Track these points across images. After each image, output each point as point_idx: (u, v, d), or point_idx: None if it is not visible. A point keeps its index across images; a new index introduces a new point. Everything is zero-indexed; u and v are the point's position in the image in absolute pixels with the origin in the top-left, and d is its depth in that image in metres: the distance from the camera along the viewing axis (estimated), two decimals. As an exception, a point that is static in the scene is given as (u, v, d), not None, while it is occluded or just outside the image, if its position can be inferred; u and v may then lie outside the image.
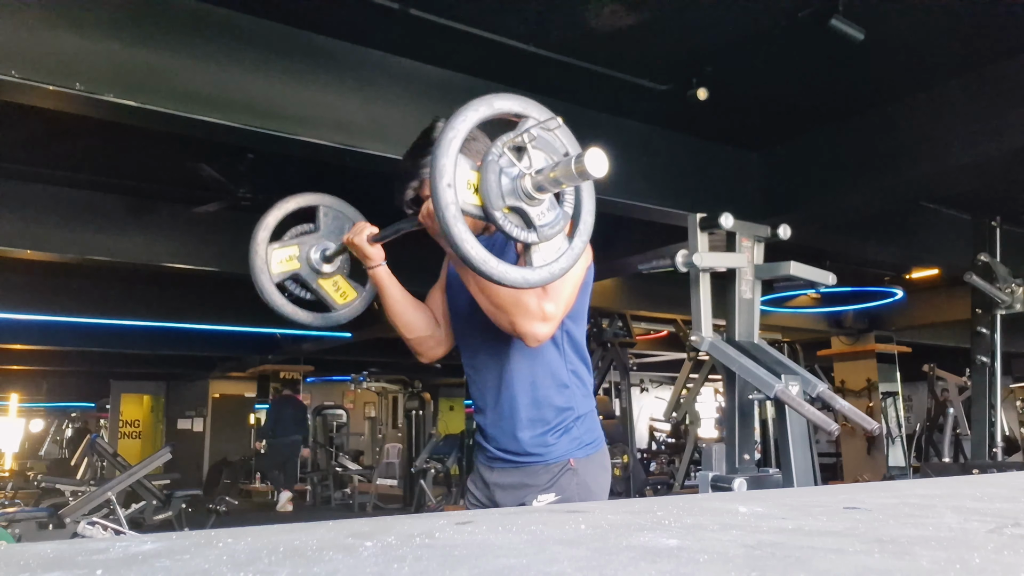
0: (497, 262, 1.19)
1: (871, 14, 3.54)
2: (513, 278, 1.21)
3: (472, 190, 1.18)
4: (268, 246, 1.78)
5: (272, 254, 1.78)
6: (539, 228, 1.22)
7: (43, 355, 11.60)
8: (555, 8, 3.62)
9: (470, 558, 0.58)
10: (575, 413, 1.66)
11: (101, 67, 3.29)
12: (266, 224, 1.80)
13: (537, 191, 1.19)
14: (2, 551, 0.67)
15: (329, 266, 1.84)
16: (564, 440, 1.63)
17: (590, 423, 1.70)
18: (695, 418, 9.42)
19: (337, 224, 1.89)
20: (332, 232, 1.87)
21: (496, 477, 1.71)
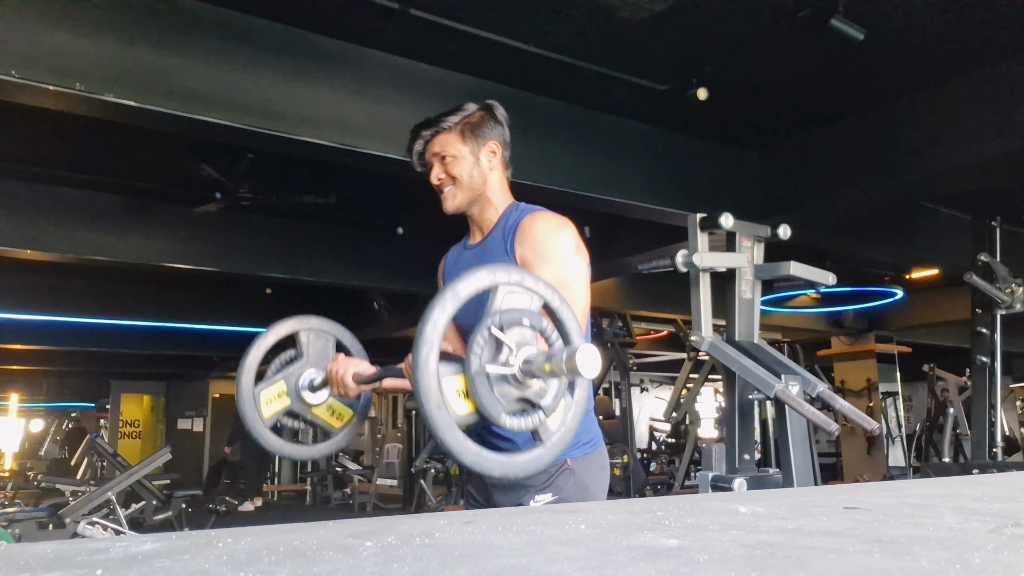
0: (507, 460, 1.12)
1: (871, 14, 3.54)
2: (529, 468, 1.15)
3: (463, 397, 1.10)
4: (254, 389, 1.69)
5: (260, 396, 1.69)
6: (544, 407, 1.15)
7: (43, 355, 11.60)
8: (555, 8, 3.62)
9: (470, 558, 0.58)
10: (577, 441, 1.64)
11: (101, 67, 3.29)
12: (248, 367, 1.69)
13: (529, 377, 1.12)
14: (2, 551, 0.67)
15: (319, 395, 1.76)
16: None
17: (587, 423, 1.69)
18: (695, 418, 9.42)
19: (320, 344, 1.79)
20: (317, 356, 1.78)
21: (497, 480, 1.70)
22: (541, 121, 4.48)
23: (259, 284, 8.62)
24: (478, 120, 1.76)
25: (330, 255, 6.97)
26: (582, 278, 1.62)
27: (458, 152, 1.73)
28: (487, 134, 1.76)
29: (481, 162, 1.75)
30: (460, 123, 1.74)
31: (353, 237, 7.01)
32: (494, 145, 1.77)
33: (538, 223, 1.66)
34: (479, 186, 1.75)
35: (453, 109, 1.76)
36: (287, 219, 6.65)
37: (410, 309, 8.33)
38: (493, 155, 1.77)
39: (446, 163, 1.73)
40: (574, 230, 1.67)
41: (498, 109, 1.81)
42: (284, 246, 6.73)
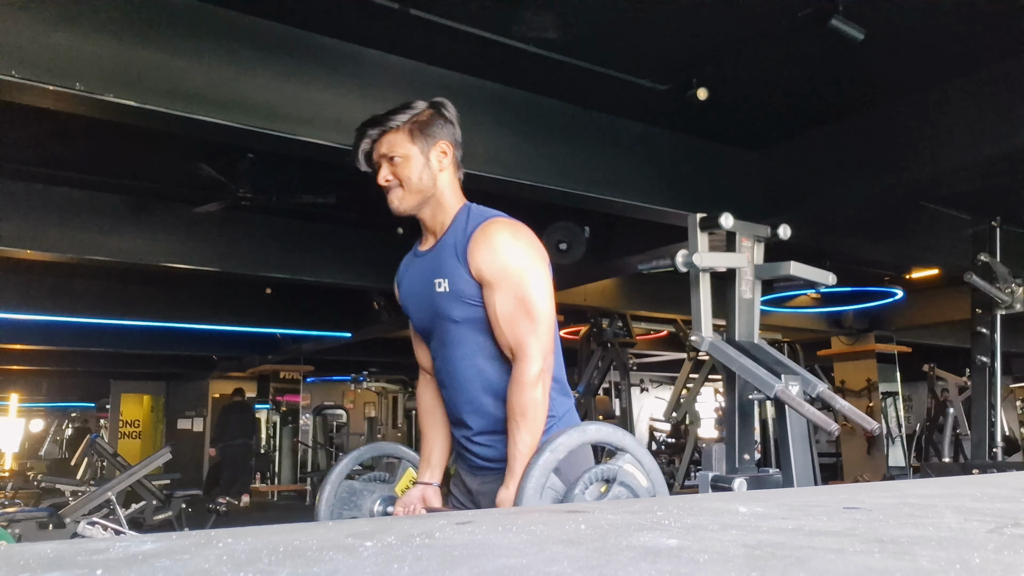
0: None
1: (871, 14, 3.54)
2: None
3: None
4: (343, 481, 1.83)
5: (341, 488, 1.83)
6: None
7: (43, 355, 11.60)
8: (555, 8, 3.62)
9: (470, 558, 0.58)
10: (555, 416, 1.66)
11: (101, 67, 3.29)
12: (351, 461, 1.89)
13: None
14: (2, 551, 0.67)
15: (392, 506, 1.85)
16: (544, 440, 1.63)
17: (568, 420, 1.71)
18: (695, 418, 9.41)
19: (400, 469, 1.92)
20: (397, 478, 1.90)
21: (480, 485, 1.70)
22: (541, 121, 4.48)
23: (259, 284, 8.62)
24: (427, 119, 1.71)
25: (330, 255, 6.97)
26: (543, 287, 1.62)
27: (407, 152, 1.68)
28: (437, 133, 1.71)
29: (431, 163, 1.70)
30: (409, 122, 1.69)
31: (353, 237, 7.01)
32: (444, 145, 1.72)
33: (492, 234, 1.62)
34: (428, 188, 1.70)
35: (401, 107, 1.71)
36: (287, 219, 6.65)
37: (410, 309, 8.31)
38: (444, 155, 1.72)
39: (395, 164, 1.68)
40: (529, 235, 1.65)
41: (448, 107, 1.75)
42: (284, 246, 6.73)
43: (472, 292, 1.61)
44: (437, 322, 1.68)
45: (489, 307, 1.60)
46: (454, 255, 1.64)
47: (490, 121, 4.24)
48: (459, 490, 1.78)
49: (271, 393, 13.69)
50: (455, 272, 1.62)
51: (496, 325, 1.60)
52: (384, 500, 1.83)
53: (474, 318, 1.62)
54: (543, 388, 1.56)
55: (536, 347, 1.56)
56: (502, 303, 1.58)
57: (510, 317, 1.58)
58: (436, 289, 1.65)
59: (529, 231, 1.67)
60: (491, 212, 1.70)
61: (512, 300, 1.58)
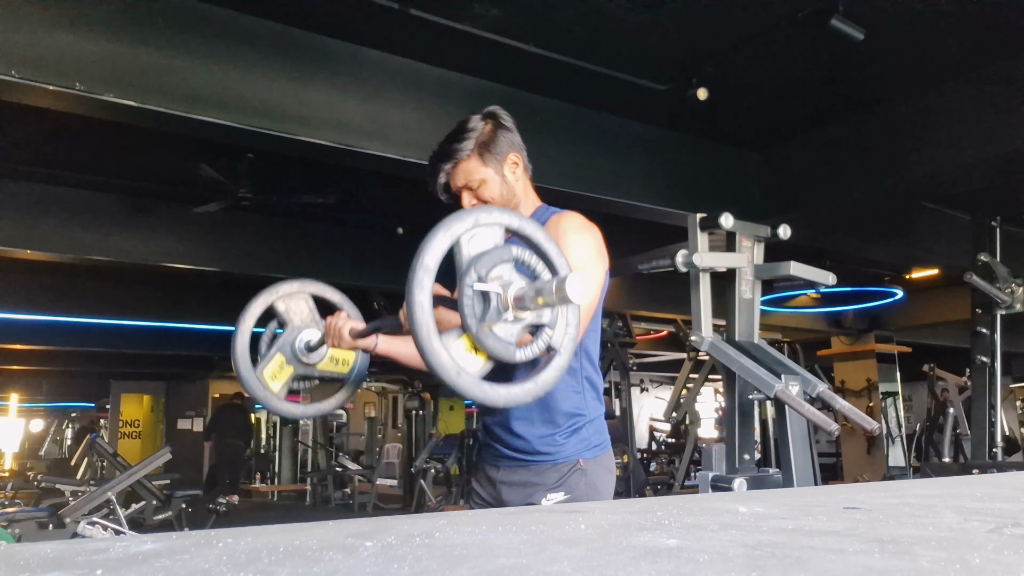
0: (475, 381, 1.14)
1: (871, 14, 3.54)
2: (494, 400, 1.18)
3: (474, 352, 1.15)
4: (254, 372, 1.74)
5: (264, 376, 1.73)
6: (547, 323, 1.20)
7: (43, 355, 11.60)
8: (555, 8, 3.62)
9: (470, 558, 0.58)
10: (586, 417, 1.67)
11: (101, 67, 3.29)
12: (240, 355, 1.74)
13: (523, 311, 1.16)
14: (2, 551, 0.67)
15: (317, 353, 1.79)
16: (573, 440, 1.63)
17: (598, 426, 1.71)
18: (695, 418, 9.42)
19: (297, 305, 1.82)
20: (301, 319, 1.81)
21: (503, 475, 1.70)
22: (541, 121, 4.48)
23: (259, 284, 8.55)
24: (490, 136, 1.72)
25: (330, 255, 6.96)
26: (594, 277, 1.63)
27: (484, 177, 1.71)
28: (503, 147, 1.73)
29: (507, 178, 1.74)
30: (476, 146, 1.71)
31: (353, 237, 7.01)
32: (514, 156, 1.75)
33: (564, 221, 1.68)
34: (511, 201, 1.74)
35: (460, 130, 1.72)
36: (287, 219, 6.65)
37: (410, 309, 8.32)
38: (516, 166, 1.76)
39: (477, 192, 1.71)
40: (598, 235, 1.69)
41: (503, 116, 1.77)
42: (284, 246, 6.73)
43: None
44: None
45: None
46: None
47: (490, 121, 4.24)
48: (481, 483, 1.77)
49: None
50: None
51: None
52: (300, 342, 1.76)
53: None
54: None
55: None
56: None
57: None
58: None
59: (597, 230, 1.70)
60: (567, 210, 1.76)
61: None
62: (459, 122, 1.76)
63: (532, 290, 1.14)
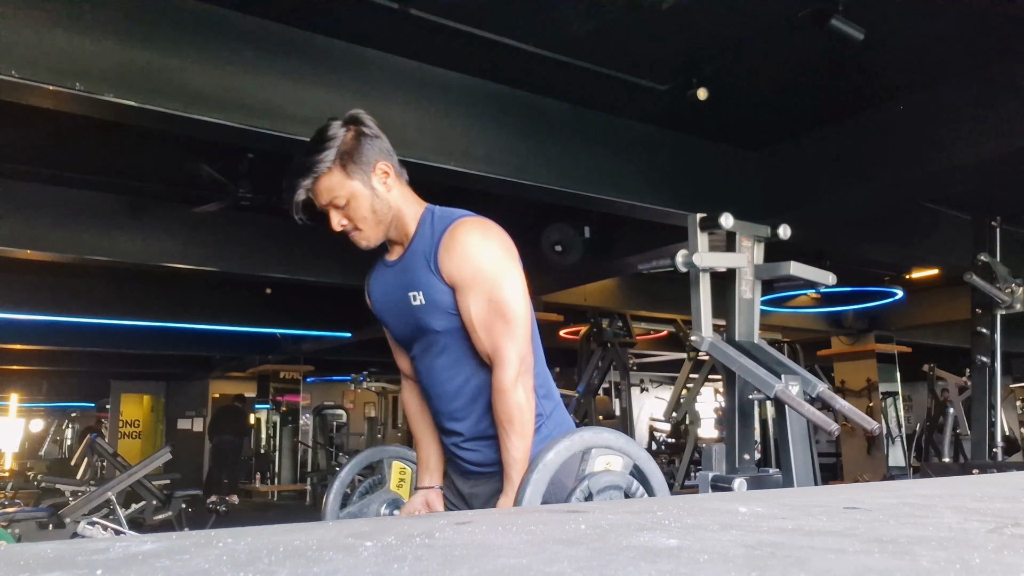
0: None
1: (871, 14, 3.54)
2: None
3: None
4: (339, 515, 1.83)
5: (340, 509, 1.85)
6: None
7: (43, 355, 11.60)
8: (555, 8, 3.62)
9: (470, 558, 0.58)
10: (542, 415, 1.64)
11: (101, 67, 3.29)
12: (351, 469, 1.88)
13: None
14: (2, 551, 0.67)
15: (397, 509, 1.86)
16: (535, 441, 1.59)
17: (558, 418, 1.68)
18: (695, 418, 9.41)
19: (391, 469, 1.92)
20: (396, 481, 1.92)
21: (472, 488, 1.69)
22: (541, 121, 4.48)
23: (259, 284, 8.62)
24: (353, 144, 1.58)
25: (330, 255, 6.96)
26: (517, 288, 1.56)
27: (350, 191, 1.56)
28: (369, 156, 1.59)
29: (378, 190, 1.59)
30: (337, 157, 1.55)
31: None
32: (383, 165, 1.60)
33: (461, 237, 1.55)
34: (387, 215, 1.60)
35: (320, 141, 1.57)
36: (287, 219, 6.59)
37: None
38: (386, 175, 1.60)
39: (345, 210, 1.58)
40: (499, 234, 1.59)
41: (366, 120, 1.63)
42: (284, 246, 6.73)
43: (449, 301, 1.56)
44: (418, 334, 1.64)
45: (463, 312, 1.55)
46: (425, 265, 1.57)
47: (490, 121, 4.24)
48: (451, 493, 1.76)
49: (271, 393, 13.68)
50: (428, 283, 1.57)
51: (472, 330, 1.56)
52: (387, 504, 1.83)
53: (456, 327, 1.58)
54: (524, 390, 1.53)
55: (512, 351, 1.52)
56: (476, 308, 1.54)
57: (485, 322, 1.54)
58: (412, 302, 1.59)
59: (498, 228, 1.59)
60: (456, 212, 1.62)
61: (485, 304, 1.53)
62: (317, 131, 1.60)
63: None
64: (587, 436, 1.43)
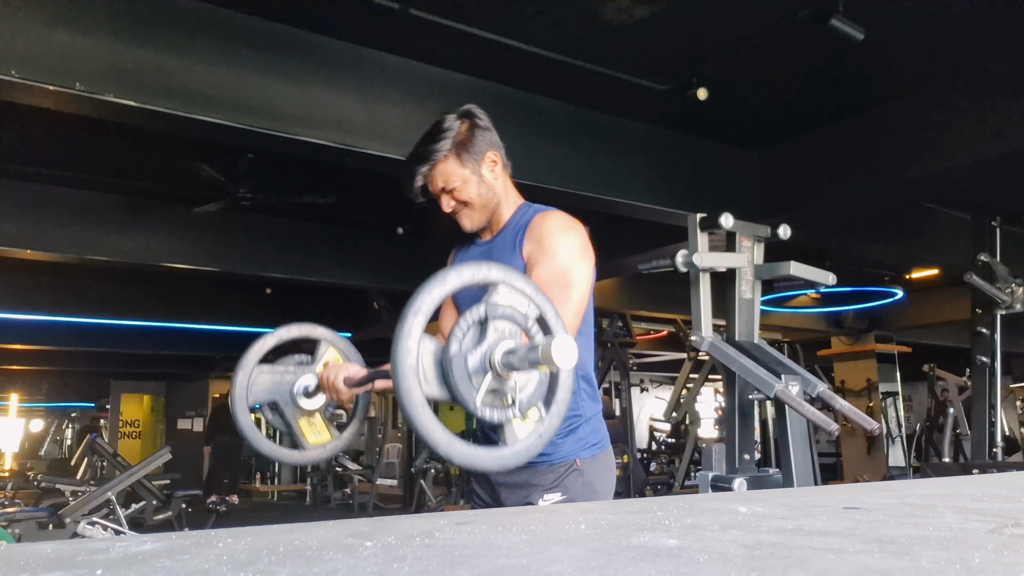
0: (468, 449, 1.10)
1: (871, 14, 3.54)
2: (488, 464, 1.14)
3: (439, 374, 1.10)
4: (256, 367, 1.68)
5: (257, 376, 1.68)
6: (519, 401, 1.12)
7: (43, 355, 11.60)
8: (555, 8, 3.62)
9: (470, 558, 0.58)
10: (582, 417, 1.66)
11: (101, 67, 3.29)
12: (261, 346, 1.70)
13: (506, 369, 1.10)
14: (2, 551, 0.67)
15: (309, 402, 1.72)
16: (569, 440, 1.62)
17: (595, 425, 1.70)
18: (695, 418, 9.41)
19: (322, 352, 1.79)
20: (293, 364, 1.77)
21: (502, 477, 1.70)
22: (541, 121, 4.48)
23: (259, 284, 8.62)
24: (467, 135, 1.69)
25: (330, 255, 6.97)
26: (582, 278, 1.60)
27: (461, 178, 1.68)
28: (481, 146, 1.70)
29: (485, 177, 1.71)
30: (453, 147, 1.67)
31: (353, 237, 7.01)
32: (492, 155, 1.72)
33: (548, 221, 1.66)
34: (492, 199, 1.73)
35: (437, 131, 1.68)
36: (287, 219, 6.65)
37: (410, 309, 8.33)
38: (494, 164, 1.73)
39: (454, 192, 1.69)
40: (583, 232, 1.66)
41: (479, 115, 1.74)
42: (284, 246, 6.73)
43: None
44: None
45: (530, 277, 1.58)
46: (512, 244, 1.67)
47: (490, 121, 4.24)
48: (481, 485, 1.77)
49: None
50: (509, 260, 1.62)
51: None
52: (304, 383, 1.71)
53: None
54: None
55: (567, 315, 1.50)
56: (542, 271, 1.56)
57: (547, 283, 1.53)
58: None
59: (582, 227, 1.67)
60: (550, 207, 1.73)
61: (552, 271, 1.57)
62: (434, 122, 1.72)
63: (523, 348, 1.10)
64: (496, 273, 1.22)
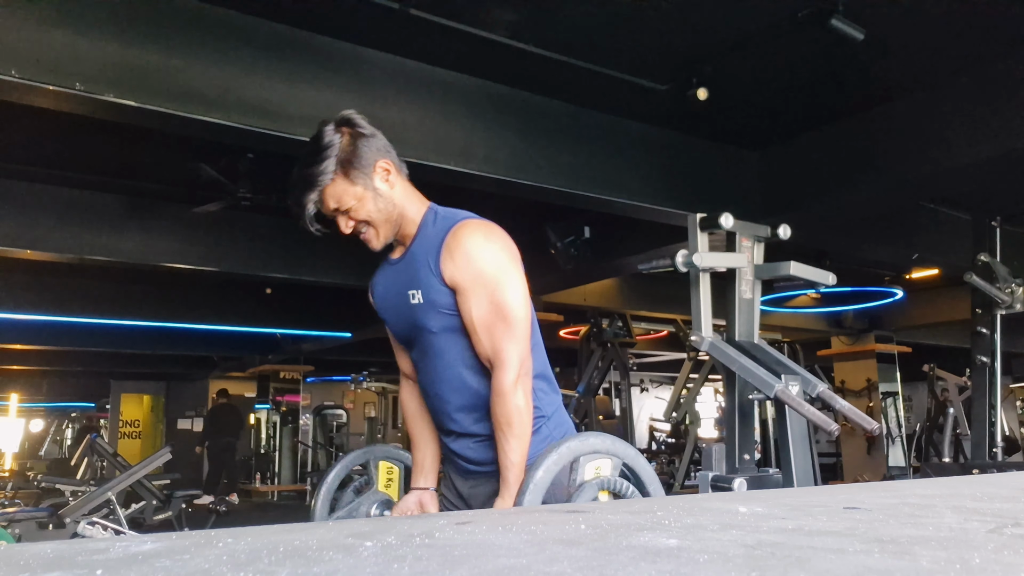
0: None
1: (871, 14, 3.54)
2: None
3: None
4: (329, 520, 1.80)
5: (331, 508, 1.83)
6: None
7: (43, 355, 11.61)
8: (555, 8, 3.62)
9: (470, 558, 0.58)
10: (545, 416, 1.65)
11: (101, 67, 3.29)
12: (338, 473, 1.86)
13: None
14: (2, 551, 0.67)
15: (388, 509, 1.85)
16: (535, 442, 1.59)
17: (558, 419, 1.69)
18: (695, 418, 9.41)
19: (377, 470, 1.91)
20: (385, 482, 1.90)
21: (471, 488, 1.70)
22: (541, 121, 4.48)
23: (259, 284, 8.62)
24: (350, 149, 1.58)
25: (330, 255, 6.96)
26: (519, 290, 1.58)
27: (355, 196, 1.58)
28: (368, 157, 1.59)
29: (380, 190, 1.60)
30: (338, 166, 1.56)
31: (353, 237, 7.00)
32: (382, 164, 1.61)
33: (463, 239, 1.56)
34: (392, 212, 1.62)
35: (316, 150, 1.57)
36: (287, 219, 6.60)
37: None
38: (387, 172, 1.61)
39: (351, 213, 1.60)
40: (502, 237, 1.60)
41: (358, 122, 1.62)
42: (284, 246, 6.73)
43: (446, 301, 1.57)
44: (415, 332, 1.65)
45: (464, 314, 1.56)
46: (426, 265, 1.59)
47: (490, 121, 4.24)
48: (450, 492, 1.77)
49: (271, 393, 13.69)
50: (428, 282, 1.58)
51: (472, 332, 1.57)
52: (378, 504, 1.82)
53: (452, 327, 1.59)
54: (524, 394, 1.54)
55: (513, 353, 1.53)
56: (477, 309, 1.55)
57: (486, 323, 1.55)
58: (411, 301, 1.61)
59: (500, 231, 1.60)
60: (459, 214, 1.63)
61: (487, 306, 1.54)
62: (312, 138, 1.61)
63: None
64: (574, 445, 1.42)
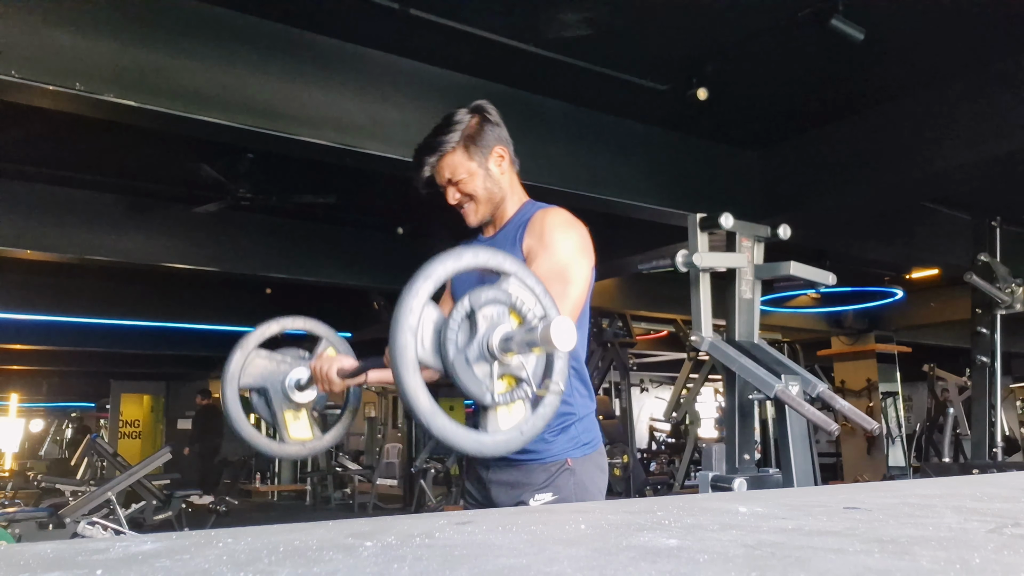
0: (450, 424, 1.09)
1: (871, 14, 3.54)
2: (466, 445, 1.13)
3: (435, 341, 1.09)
4: (255, 351, 1.70)
5: (254, 359, 1.71)
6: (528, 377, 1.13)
7: (43, 355, 11.60)
8: (556, 8, 3.62)
9: (470, 558, 0.58)
10: (575, 415, 1.66)
11: (101, 67, 3.29)
12: (263, 331, 1.73)
13: (504, 353, 1.11)
14: (2, 551, 0.67)
15: (299, 395, 1.74)
16: (561, 439, 1.62)
17: (588, 424, 1.70)
18: (695, 418, 9.41)
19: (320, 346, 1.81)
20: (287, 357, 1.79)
21: (493, 475, 1.70)
22: (541, 121, 4.48)
23: (259, 284, 8.62)
24: (476, 129, 1.71)
25: (330, 255, 6.97)
26: (581, 275, 1.60)
27: (468, 170, 1.70)
28: (489, 141, 1.72)
29: (492, 171, 1.72)
30: (461, 139, 1.69)
31: (353, 237, 7.01)
32: (499, 149, 1.74)
33: (549, 217, 1.66)
34: (497, 195, 1.73)
35: (446, 124, 1.71)
36: (287, 219, 6.65)
37: (410, 309, 8.34)
38: (501, 159, 1.74)
39: (460, 184, 1.71)
40: (584, 231, 1.66)
41: (490, 110, 1.76)
42: (284, 246, 6.73)
43: None
44: None
45: None
46: (512, 239, 1.68)
47: (490, 121, 4.24)
48: (472, 483, 1.77)
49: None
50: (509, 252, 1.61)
51: None
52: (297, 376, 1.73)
53: None
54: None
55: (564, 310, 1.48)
56: (540, 267, 1.55)
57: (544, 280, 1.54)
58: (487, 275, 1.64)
59: (582, 226, 1.67)
60: (553, 206, 1.74)
61: (550, 268, 1.56)
62: (445, 115, 1.74)
63: (520, 331, 1.10)
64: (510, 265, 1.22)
